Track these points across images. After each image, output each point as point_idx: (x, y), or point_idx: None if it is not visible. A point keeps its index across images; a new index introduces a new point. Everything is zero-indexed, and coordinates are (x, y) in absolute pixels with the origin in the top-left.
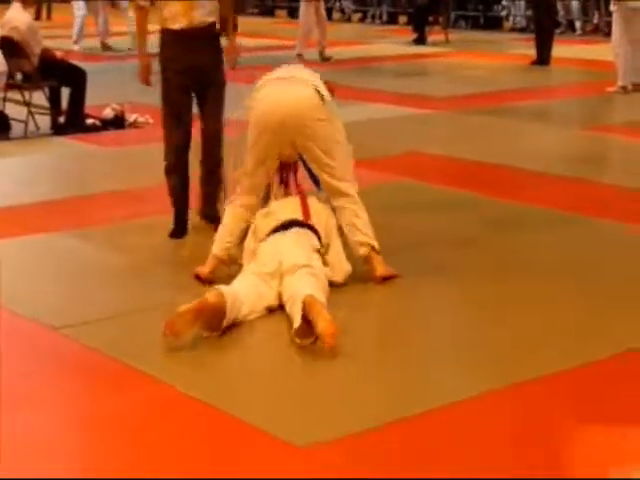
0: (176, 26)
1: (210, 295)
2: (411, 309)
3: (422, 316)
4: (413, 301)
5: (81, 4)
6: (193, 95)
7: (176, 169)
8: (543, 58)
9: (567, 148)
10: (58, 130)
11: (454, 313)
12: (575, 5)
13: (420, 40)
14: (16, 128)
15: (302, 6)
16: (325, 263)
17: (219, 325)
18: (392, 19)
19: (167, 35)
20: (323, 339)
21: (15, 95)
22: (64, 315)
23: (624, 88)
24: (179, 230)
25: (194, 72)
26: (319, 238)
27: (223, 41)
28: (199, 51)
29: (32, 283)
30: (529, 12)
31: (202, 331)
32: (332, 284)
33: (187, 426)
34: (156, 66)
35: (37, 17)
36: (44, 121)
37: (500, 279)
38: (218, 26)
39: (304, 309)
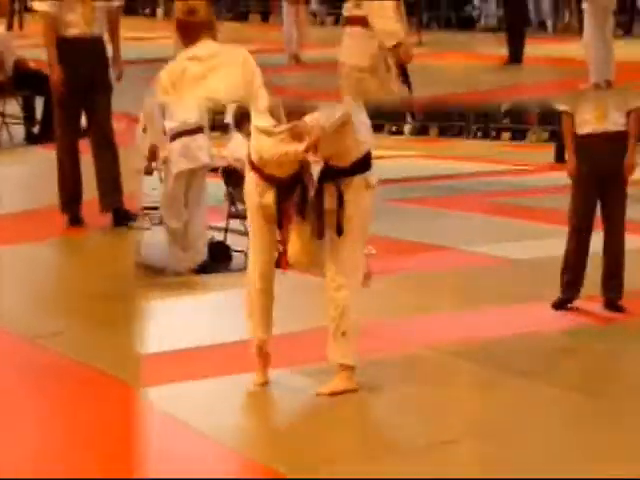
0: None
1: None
2: None
3: None
4: None
5: None
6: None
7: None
8: (516, 57)
9: None
10: (32, 139)
11: None
12: (546, 3)
13: None
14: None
15: (284, 9)
16: None
17: None
18: None
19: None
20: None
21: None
22: (36, 325)
23: (597, 85)
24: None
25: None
26: None
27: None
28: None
29: (3, 294)
30: (501, 11)
31: None
32: None
33: None
34: None
35: (9, 27)
36: (18, 131)
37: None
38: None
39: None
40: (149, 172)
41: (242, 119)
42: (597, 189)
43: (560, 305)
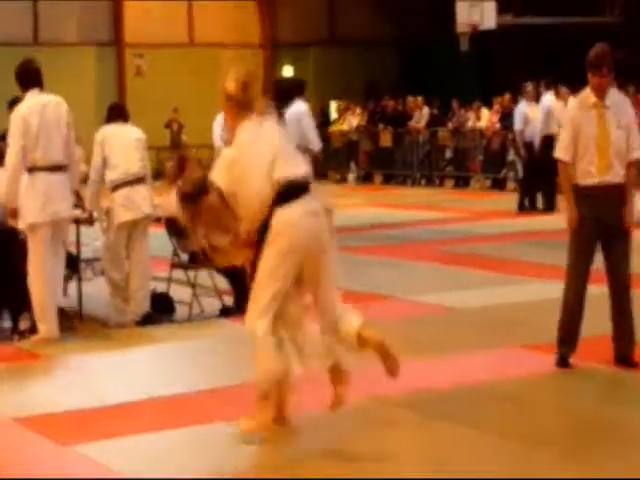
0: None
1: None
2: None
3: None
4: None
5: None
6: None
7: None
8: None
9: None
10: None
11: None
12: None
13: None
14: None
15: None
16: None
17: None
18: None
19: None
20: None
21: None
22: None
23: None
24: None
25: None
26: None
27: None
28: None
29: None
30: None
31: None
32: None
33: None
34: None
35: None
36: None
37: None
38: None
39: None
40: (90, 222)
41: None
42: (598, 242)
43: (561, 363)
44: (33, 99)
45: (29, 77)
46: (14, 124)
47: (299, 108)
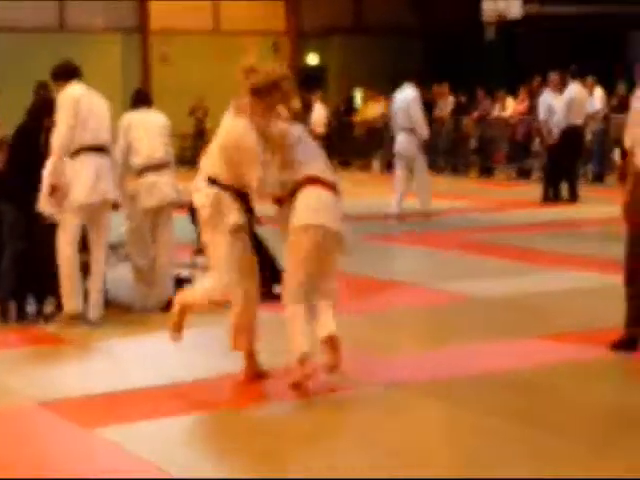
0: None
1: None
2: None
3: None
4: None
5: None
6: None
7: None
8: None
9: None
10: None
11: None
12: None
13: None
14: None
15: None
16: None
17: None
18: None
19: None
20: None
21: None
22: None
23: None
24: None
25: None
26: None
27: None
28: None
29: None
30: None
31: None
32: None
33: None
34: None
35: None
36: None
37: None
38: None
39: None
40: (115, 208)
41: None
42: None
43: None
44: (77, 86)
45: (69, 70)
46: (65, 104)
47: (408, 94)
